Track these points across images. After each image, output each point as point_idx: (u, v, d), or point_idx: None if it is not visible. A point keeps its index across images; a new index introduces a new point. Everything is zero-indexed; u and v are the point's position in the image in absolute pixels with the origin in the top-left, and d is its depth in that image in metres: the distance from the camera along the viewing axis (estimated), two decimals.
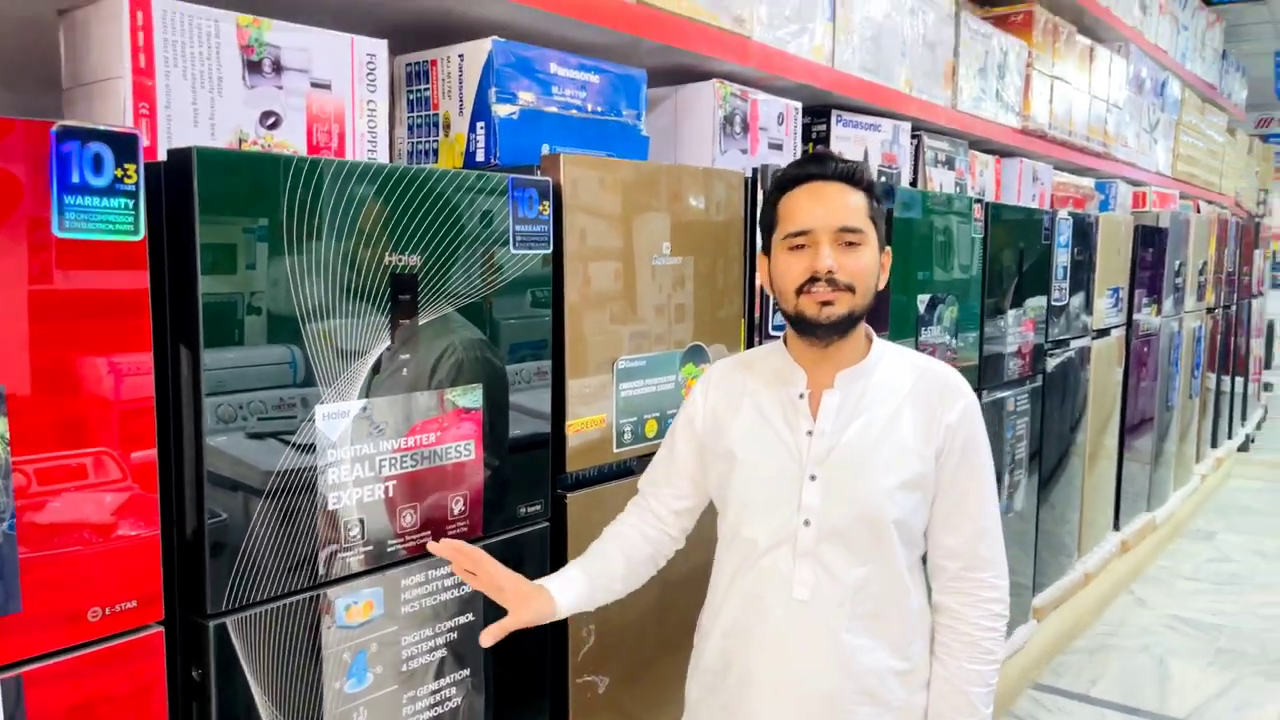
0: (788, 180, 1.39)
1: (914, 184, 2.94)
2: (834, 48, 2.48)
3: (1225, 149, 6.98)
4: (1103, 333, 4.09)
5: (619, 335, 1.68)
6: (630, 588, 1.48)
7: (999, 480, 3.22)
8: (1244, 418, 7.63)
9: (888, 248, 1.43)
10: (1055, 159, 3.94)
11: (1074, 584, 3.94)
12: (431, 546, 1.31)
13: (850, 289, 1.33)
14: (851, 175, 1.36)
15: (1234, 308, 6.89)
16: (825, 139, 2.60)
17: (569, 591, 1.38)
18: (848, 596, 1.35)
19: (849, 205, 1.35)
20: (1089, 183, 4.34)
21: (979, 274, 2.93)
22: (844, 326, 1.35)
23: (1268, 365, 9.46)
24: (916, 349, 2.59)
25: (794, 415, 1.39)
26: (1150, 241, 4.59)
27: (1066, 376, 3.74)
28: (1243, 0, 5.50)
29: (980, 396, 2.98)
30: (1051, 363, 3.55)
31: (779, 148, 2.33)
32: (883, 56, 2.68)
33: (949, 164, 3.11)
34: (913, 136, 2.92)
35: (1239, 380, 7.33)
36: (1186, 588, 4.41)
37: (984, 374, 3.00)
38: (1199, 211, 5.96)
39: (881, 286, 1.41)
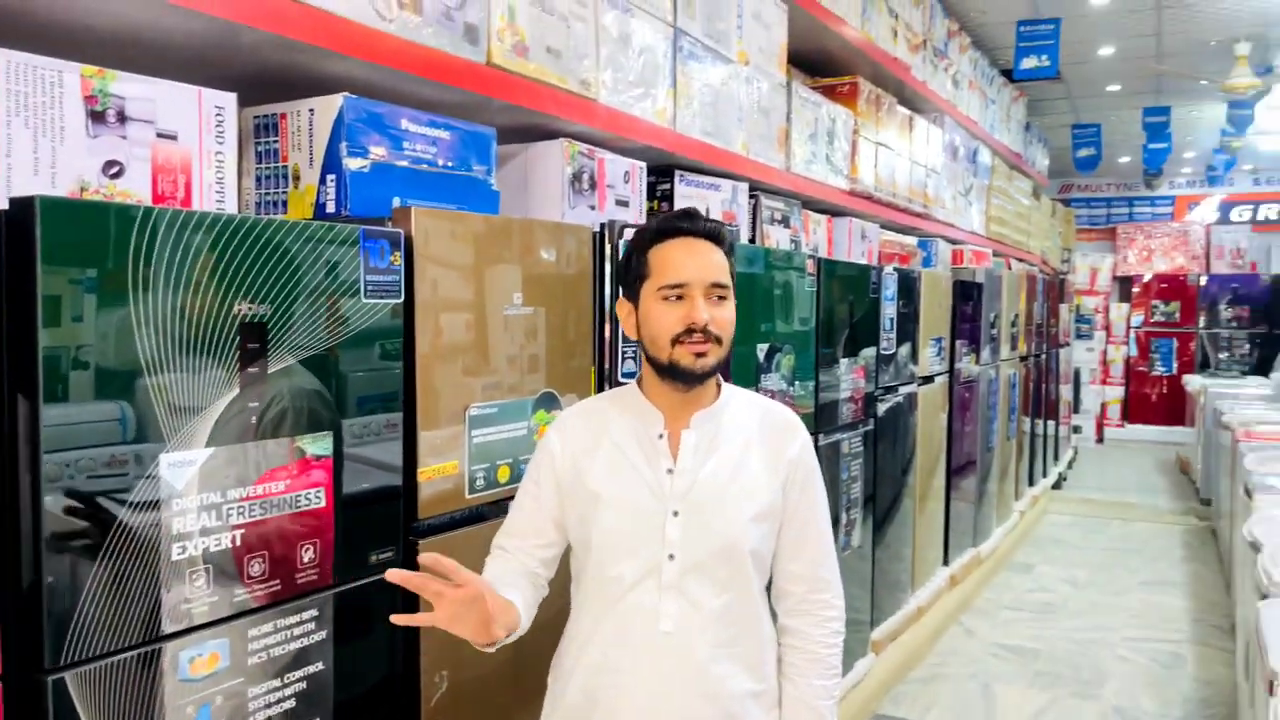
0: (660, 233, 1.47)
1: (752, 241, 3.12)
2: (676, 112, 2.63)
3: (1031, 212, 7.64)
4: (928, 379, 4.39)
5: (471, 383, 1.72)
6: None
7: (836, 519, 3.40)
8: (1056, 458, 8.27)
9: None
10: (882, 218, 4.24)
11: (908, 617, 4.17)
12: (423, 559, 1.30)
13: (719, 340, 1.44)
14: (717, 234, 1.48)
15: (1044, 356, 7.49)
16: (669, 197, 2.73)
17: (522, 610, 1.42)
18: (710, 625, 1.43)
19: (718, 262, 1.45)
20: (912, 240, 4.68)
21: (813, 325, 3.12)
22: (711, 375, 1.46)
23: (1076, 410, 10.29)
24: None
25: (654, 454, 1.47)
26: (968, 295, 4.97)
27: (896, 421, 3.99)
28: (1041, 79, 6.10)
29: (817, 440, 3.17)
30: (882, 407, 3.79)
31: (625, 204, 2.44)
32: (721, 121, 2.85)
33: (784, 222, 3.31)
34: (750, 196, 3.10)
35: (1051, 423, 7.95)
36: (1009, 617, 4.73)
37: (820, 418, 3.18)
38: (1010, 268, 6.50)
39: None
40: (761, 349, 2.77)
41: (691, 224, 1.46)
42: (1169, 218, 11.62)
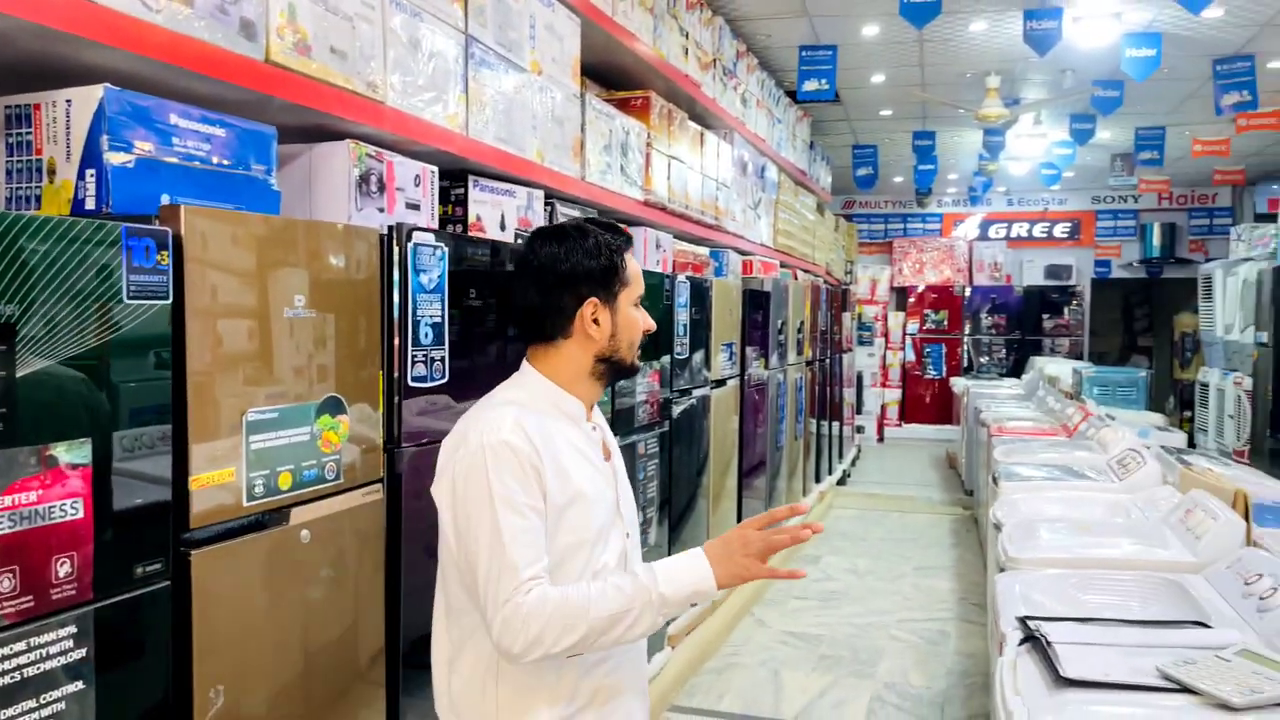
0: (625, 244, 1.60)
1: None
2: (468, 117, 2.65)
3: (816, 225, 8.12)
4: (720, 383, 4.60)
5: (248, 387, 1.67)
6: None
7: None
8: (841, 455, 8.82)
9: None
10: (675, 229, 4.41)
11: (704, 612, 4.34)
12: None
13: None
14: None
15: (828, 361, 7.98)
16: (463, 202, 2.74)
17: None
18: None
19: None
20: (705, 251, 4.89)
21: None
22: None
23: (859, 411, 11.01)
24: None
25: (593, 445, 1.59)
26: (758, 304, 5.24)
27: (691, 423, 4.16)
28: (821, 101, 6.51)
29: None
30: (677, 410, 3.94)
31: (416, 208, 2.43)
32: (515, 128, 2.89)
33: None
34: (546, 203, 3.15)
35: (836, 424, 8.47)
36: (797, 605, 5.01)
37: (617, 421, 3.27)
38: (797, 278, 6.88)
39: None
40: None
41: (628, 238, 1.63)
42: (938, 233, 12.64)
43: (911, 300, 12.33)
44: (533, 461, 1.44)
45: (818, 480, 7.41)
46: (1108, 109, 6.51)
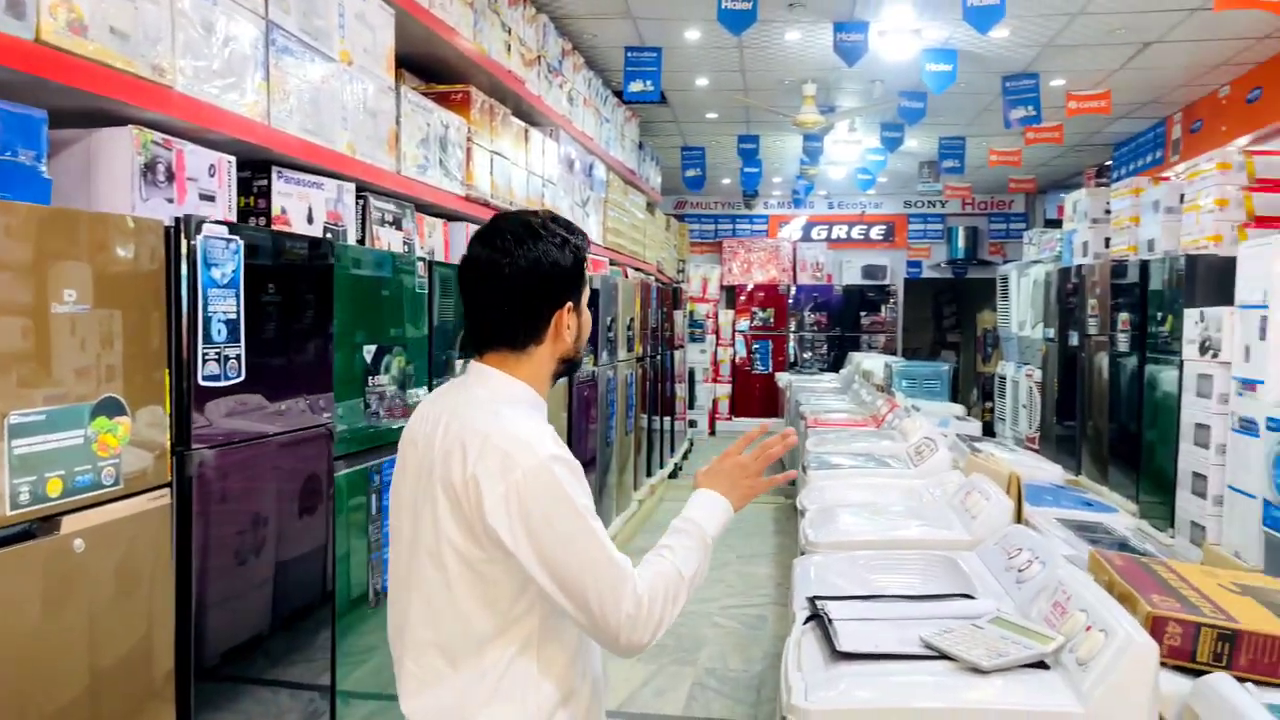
0: (585, 238, 1.61)
1: (361, 242, 3.09)
2: (270, 106, 2.55)
3: (647, 224, 8.26)
4: None
5: (11, 388, 1.55)
6: None
7: None
8: (673, 450, 9.01)
9: None
10: None
11: None
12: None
13: None
14: None
15: (659, 357, 8.14)
16: (267, 194, 2.64)
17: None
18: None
19: None
20: None
21: (427, 328, 3.16)
22: None
23: (691, 406, 11.27)
24: (364, 399, 2.73)
25: None
26: (589, 300, 5.28)
27: None
28: (648, 102, 6.63)
29: None
30: None
31: (211, 199, 2.32)
32: (323, 119, 2.80)
33: (397, 224, 3.32)
34: (359, 197, 3.08)
35: (667, 419, 8.64)
36: None
37: None
38: (627, 276, 6.98)
39: None
40: (369, 350, 2.77)
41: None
42: (765, 234, 13.10)
43: (741, 298, 12.72)
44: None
45: (649, 475, 7.55)
46: (913, 119, 6.92)
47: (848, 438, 4.48)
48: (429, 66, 4.06)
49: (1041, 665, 1.44)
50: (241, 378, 2.11)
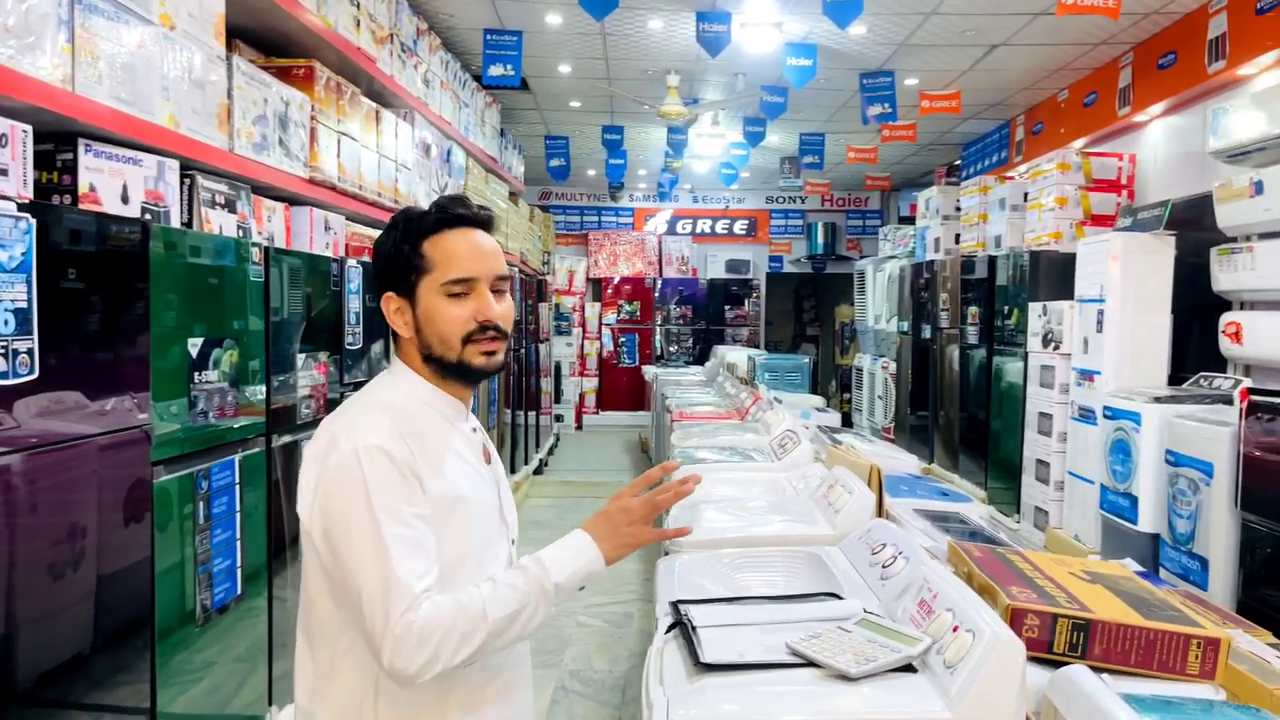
0: (435, 223, 1.40)
1: (188, 225, 2.82)
2: (75, 72, 2.27)
3: (509, 214, 8.06)
4: None
5: None
6: None
7: (297, 529, 3.23)
8: (538, 445, 8.85)
9: None
10: (349, 210, 4.14)
11: None
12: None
13: (505, 336, 1.43)
14: (491, 221, 1.44)
15: (524, 351, 7.96)
16: (73, 168, 2.36)
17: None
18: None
19: (499, 253, 1.44)
20: None
21: (263, 320, 2.92)
22: (499, 371, 1.48)
23: (557, 400, 11.13)
24: (189, 397, 2.48)
25: (474, 447, 1.48)
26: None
27: None
28: (508, 87, 6.44)
29: (271, 441, 2.97)
30: None
31: (4, 173, 2.04)
32: (139, 88, 2.53)
33: (230, 207, 3.06)
34: (184, 175, 2.80)
35: (532, 414, 8.48)
36: None
37: (274, 419, 2.99)
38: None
39: None
40: (194, 344, 2.52)
41: (472, 213, 1.42)
42: (630, 227, 13.06)
43: (607, 291, 12.65)
44: (412, 467, 1.31)
45: (513, 471, 7.37)
46: (774, 113, 6.98)
47: (713, 431, 4.45)
48: (271, 40, 3.78)
49: (909, 669, 1.38)
50: (34, 374, 1.85)
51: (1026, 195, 6.59)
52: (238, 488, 2.73)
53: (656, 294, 12.60)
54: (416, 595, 1.25)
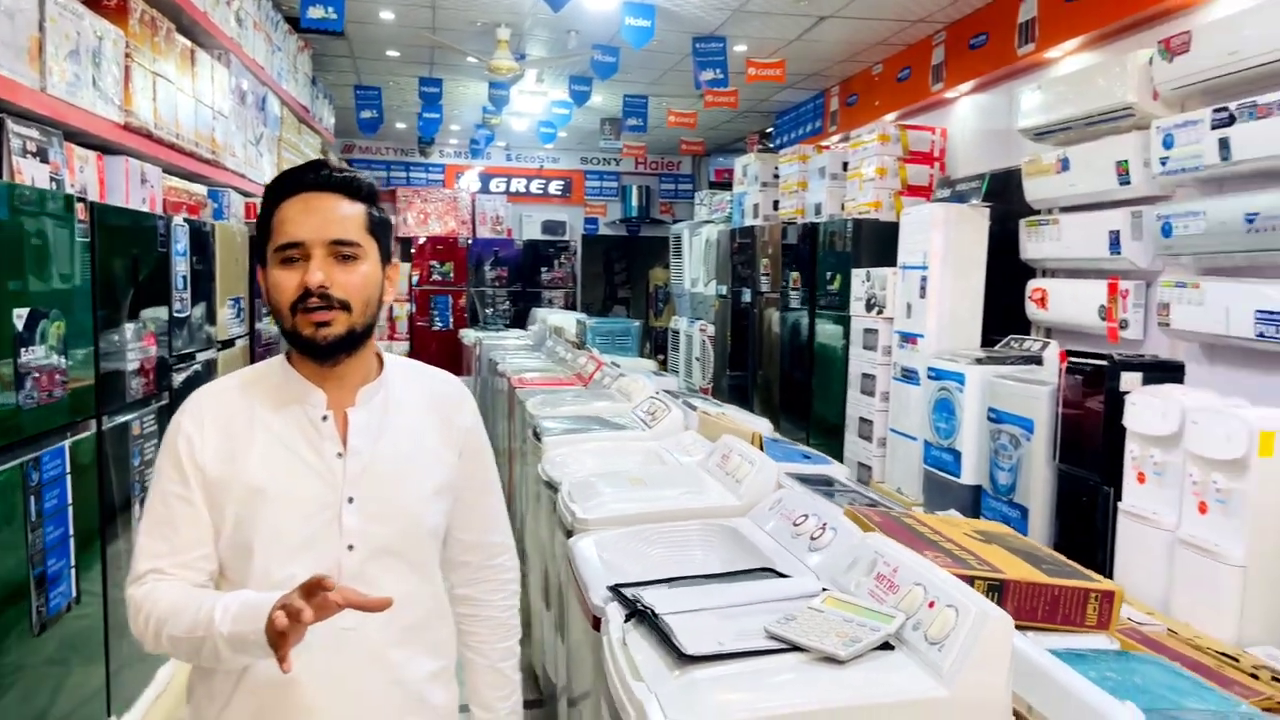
0: (281, 189, 1.33)
1: None
2: None
3: None
4: (228, 344, 4.02)
5: None
6: None
7: (129, 515, 2.90)
8: None
9: (396, 261, 1.43)
10: (165, 162, 3.71)
11: None
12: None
13: (346, 306, 1.30)
14: (350, 185, 1.34)
15: None
16: None
17: None
18: (395, 611, 1.24)
19: (344, 217, 1.32)
20: (202, 190, 4.21)
21: (90, 284, 2.56)
22: (346, 346, 1.33)
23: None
24: (16, 373, 2.15)
25: (318, 438, 1.35)
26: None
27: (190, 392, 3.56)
28: (326, 32, 5.99)
29: (101, 423, 2.63)
30: (179, 378, 3.34)
31: None
32: None
33: (42, 156, 2.65)
34: None
35: None
36: None
37: (103, 396, 2.64)
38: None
39: (389, 301, 1.40)
40: (20, 315, 2.17)
41: (315, 176, 1.33)
42: (441, 184, 12.61)
43: (415, 251, 12.18)
44: (191, 442, 1.31)
45: None
46: (605, 74, 6.89)
47: (562, 398, 4.36)
48: None
49: (886, 646, 1.38)
50: None
51: (846, 165, 6.87)
52: (70, 478, 2.40)
53: (470, 255, 12.27)
54: (140, 574, 1.30)
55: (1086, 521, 3.80)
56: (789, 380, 7.26)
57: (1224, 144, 3.71)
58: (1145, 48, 4.27)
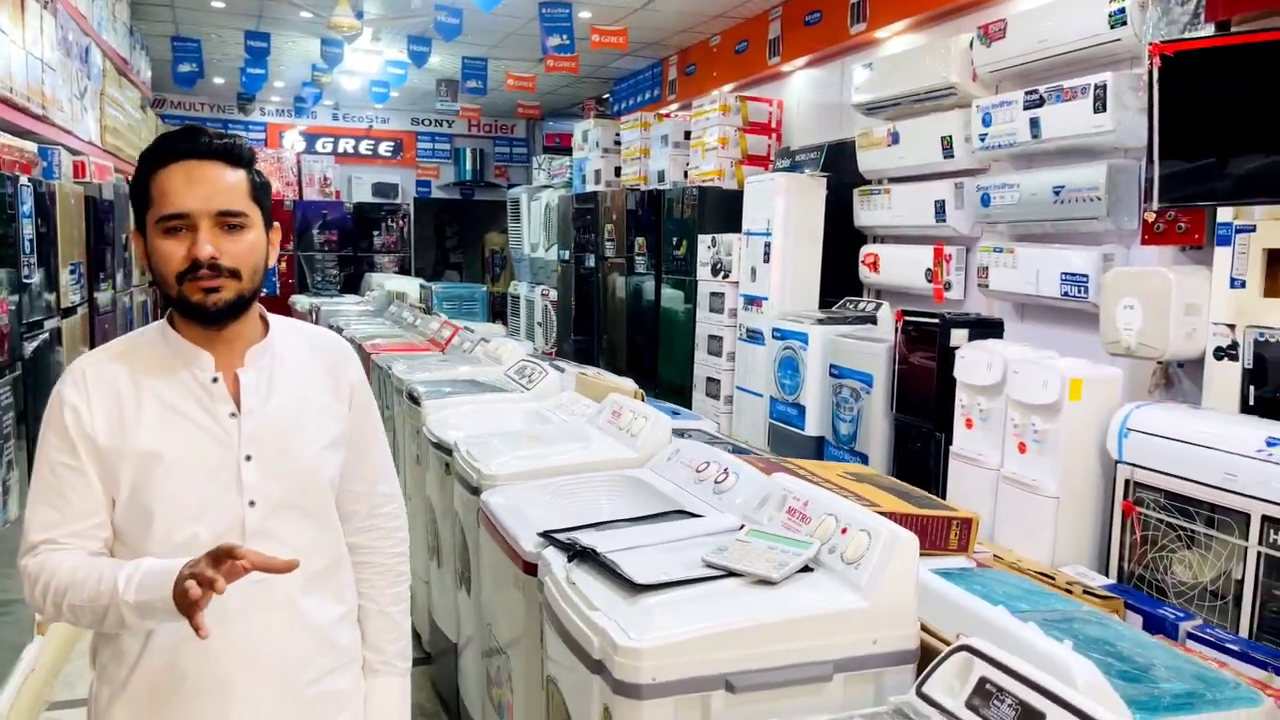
0: (158, 156, 1.32)
1: None
2: None
3: (141, 125, 7.11)
4: (69, 312, 3.81)
5: None
6: None
7: None
8: None
9: (276, 224, 1.44)
10: None
11: None
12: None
13: (235, 274, 1.33)
14: (230, 152, 1.34)
15: None
16: None
17: None
18: (300, 562, 1.29)
19: (229, 186, 1.33)
20: (33, 148, 3.93)
21: None
22: (235, 310, 1.35)
23: None
24: None
25: (209, 400, 1.37)
26: (100, 215, 4.43)
27: (42, 365, 3.37)
28: None
29: None
30: (29, 348, 3.16)
31: None
32: None
33: None
34: None
35: None
36: None
37: None
38: (129, 184, 5.97)
39: (273, 263, 1.43)
40: None
41: (193, 144, 1.33)
42: (263, 144, 12.02)
43: None
44: (78, 413, 1.32)
45: None
46: (449, 35, 6.81)
47: (432, 363, 4.38)
48: None
49: (806, 569, 1.58)
50: None
51: (688, 134, 7.11)
52: None
53: (296, 218, 11.78)
54: (34, 544, 1.32)
55: (920, 464, 4.21)
56: (634, 343, 7.49)
57: (1034, 123, 4.15)
58: (966, 32, 4.69)
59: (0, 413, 2.82)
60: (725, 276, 6.05)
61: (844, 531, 1.60)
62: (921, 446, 4.23)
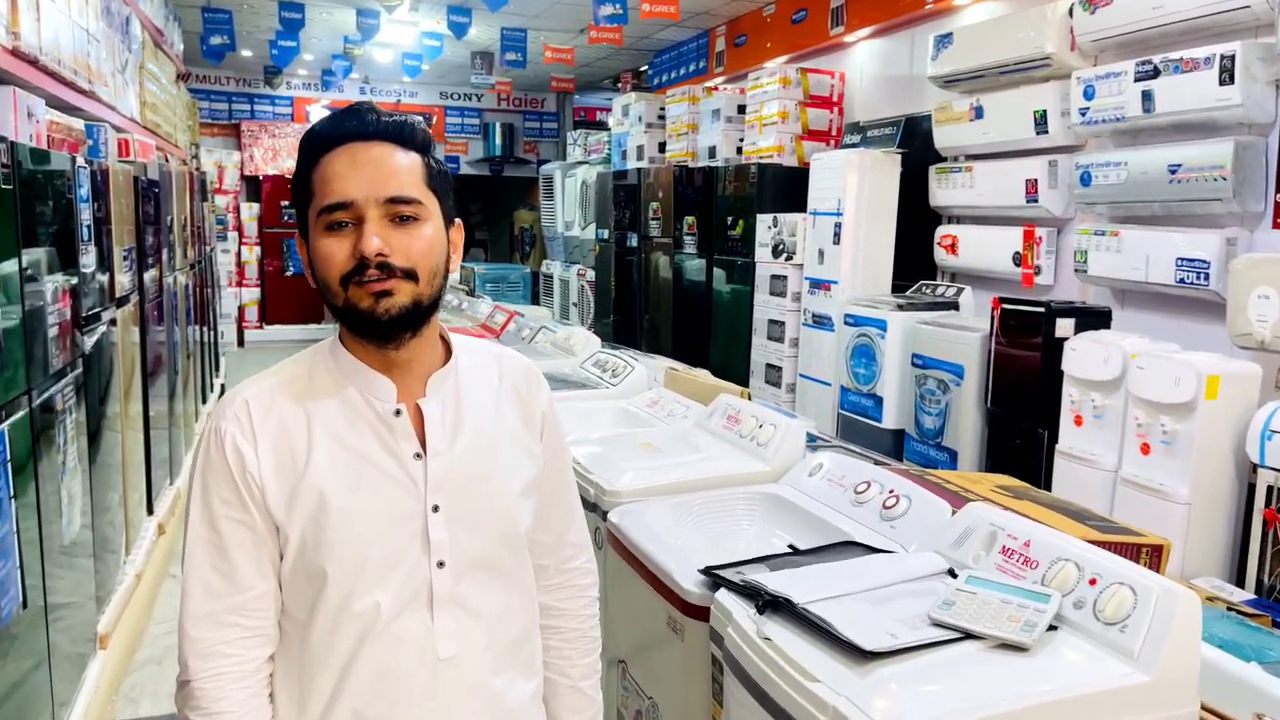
0: (320, 142, 1.11)
1: None
2: None
3: (175, 101, 6.87)
4: (124, 300, 3.59)
5: None
6: None
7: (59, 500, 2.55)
8: (217, 367, 7.84)
9: (458, 221, 1.19)
10: (46, 92, 3.22)
11: (130, 590, 3.44)
12: None
13: (410, 275, 1.09)
14: (401, 132, 1.11)
15: (204, 262, 6.93)
16: None
17: None
18: (494, 633, 1.16)
19: (399, 169, 1.10)
20: (80, 125, 3.69)
21: (13, 239, 2.18)
22: (412, 321, 1.10)
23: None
24: None
25: (391, 438, 1.14)
26: (149, 196, 4.19)
27: (102, 356, 3.16)
28: None
29: (32, 399, 2.27)
30: (89, 342, 2.94)
31: None
32: None
33: None
34: None
35: (210, 332, 7.46)
36: None
37: (33, 370, 2.27)
38: (169, 163, 5.73)
39: (455, 268, 1.19)
40: None
41: (359, 123, 1.10)
42: (289, 118, 11.76)
43: (268, 190, 11.36)
44: (245, 458, 1.09)
45: (204, 401, 6.46)
46: (495, 5, 6.52)
47: None
48: None
49: (1050, 627, 1.34)
50: None
51: (741, 108, 6.81)
52: (8, 467, 2.05)
53: None
54: (210, 615, 1.10)
55: (1018, 463, 3.96)
56: (683, 326, 7.23)
57: (1147, 96, 3.86)
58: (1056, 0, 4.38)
59: (63, 415, 2.60)
60: (788, 258, 5.79)
61: (1092, 582, 1.36)
62: (1021, 443, 3.98)
